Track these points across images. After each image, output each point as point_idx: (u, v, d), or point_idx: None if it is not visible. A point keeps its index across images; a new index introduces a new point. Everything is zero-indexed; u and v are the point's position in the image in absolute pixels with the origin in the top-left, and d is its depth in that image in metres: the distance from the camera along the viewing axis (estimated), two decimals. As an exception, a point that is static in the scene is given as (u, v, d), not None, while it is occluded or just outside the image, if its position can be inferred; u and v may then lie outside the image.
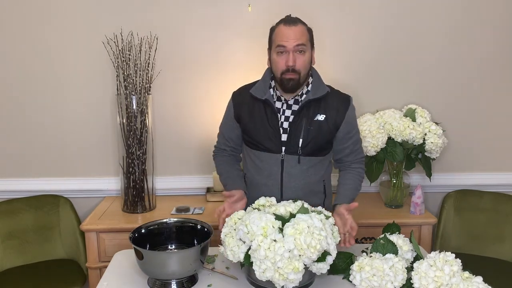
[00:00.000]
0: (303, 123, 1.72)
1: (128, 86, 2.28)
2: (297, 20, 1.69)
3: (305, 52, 1.66)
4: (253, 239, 1.34)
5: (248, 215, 1.43)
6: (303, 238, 1.31)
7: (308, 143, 1.72)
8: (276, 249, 1.30)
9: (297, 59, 1.65)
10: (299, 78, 1.68)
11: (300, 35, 1.64)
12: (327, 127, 1.73)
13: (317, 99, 1.73)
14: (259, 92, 1.76)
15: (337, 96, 1.79)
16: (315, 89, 1.75)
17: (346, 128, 1.76)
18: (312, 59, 1.73)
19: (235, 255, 1.41)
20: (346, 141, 1.78)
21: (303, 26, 1.69)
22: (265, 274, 1.33)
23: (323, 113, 1.74)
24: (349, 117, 1.76)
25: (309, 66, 1.71)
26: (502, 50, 2.51)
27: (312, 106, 1.74)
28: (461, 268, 1.29)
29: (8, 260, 2.37)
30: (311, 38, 1.71)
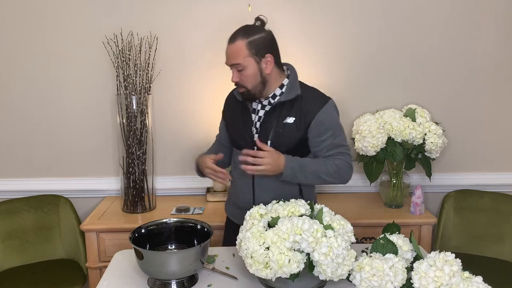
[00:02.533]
0: (272, 124, 1.71)
1: (128, 86, 2.28)
2: (237, 36, 1.65)
3: (244, 69, 1.64)
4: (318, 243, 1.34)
5: (291, 222, 1.37)
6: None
7: (276, 145, 1.70)
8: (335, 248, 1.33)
9: (239, 75, 1.67)
10: (249, 90, 1.69)
11: (235, 54, 1.64)
12: (295, 131, 1.70)
13: (290, 101, 1.70)
14: (238, 94, 1.81)
15: (313, 99, 1.73)
16: (287, 91, 1.72)
17: (316, 130, 1.69)
18: (261, 70, 1.66)
19: (292, 267, 1.33)
20: (318, 144, 1.71)
21: (243, 41, 1.63)
22: (337, 272, 1.34)
23: (293, 116, 1.70)
24: (321, 118, 1.69)
25: (255, 79, 1.67)
26: (502, 50, 2.51)
27: (284, 108, 1.71)
28: (461, 268, 1.28)
29: (8, 260, 2.37)
30: (255, 51, 1.64)
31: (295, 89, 1.72)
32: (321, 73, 2.51)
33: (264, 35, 1.68)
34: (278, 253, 1.32)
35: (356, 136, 2.30)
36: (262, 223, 1.41)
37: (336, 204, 2.30)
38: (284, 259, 1.32)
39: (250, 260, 1.36)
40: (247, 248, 1.37)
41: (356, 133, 2.33)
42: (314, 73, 2.50)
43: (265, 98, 1.74)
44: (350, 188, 2.63)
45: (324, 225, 1.39)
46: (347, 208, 2.38)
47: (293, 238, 1.33)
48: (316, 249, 1.33)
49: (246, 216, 1.50)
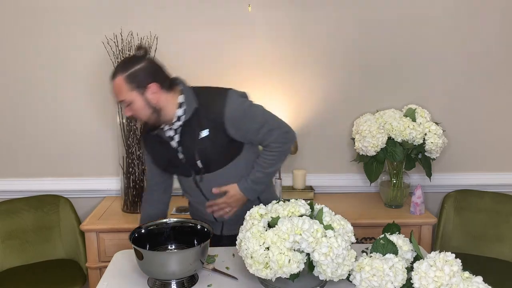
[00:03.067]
0: (192, 145, 1.66)
1: (128, 86, 2.27)
2: (116, 72, 1.58)
3: (131, 103, 1.58)
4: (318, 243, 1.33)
5: (291, 222, 1.37)
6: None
7: (206, 161, 1.67)
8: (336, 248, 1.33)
9: (129, 109, 1.61)
10: (147, 122, 1.65)
11: (117, 91, 1.59)
12: (216, 139, 1.64)
13: (195, 116, 1.63)
14: (151, 129, 1.73)
15: (212, 101, 1.64)
16: (188, 109, 1.64)
17: (234, 126, 1.63)
18: (148, 101, 1.58)
19: (292, 267, 1.34)
20: (245, 136, 1.67)
21: (120, 77, 1.56)
22: (337, 272, 1.34)
23: (205, 128, 1.63)
24: (230, 115, 1.61)
25: (146, 110, 1.60)
26: (502, 51, 2.51)
27: (193, 125, 1.64)
28: (461, 268, 1.28)
29: (8, 260, 2.37)
30: (136, 83, 1.56)
31: (192, 103, 1.64)
32: (321, 73, 2.51)
33: (144, 65, 1.59)
34: (278, 253, 1.32)
35: (356, 136, 2.30)
36: (262, 223, 1.41)
37: (336, 204, 2.31)
38: (284, 259, 1.32)
39: (250, 260, 1.36)
40: (247, 248, 1.37)
41: (356, 133, 2.33)
42: (314, 73, 2.50)
43: (171, 124, 1.66)
44: (350, 188, 2.64)
45: (324, 225, 1.39)
46: (347, 208, 2.38)
47: (293, 238, 1.33)
48: (316, 249, 1.33)
49: (246, 216, 1.50)
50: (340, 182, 2.61)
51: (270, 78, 2.48)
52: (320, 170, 2.60)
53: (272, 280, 1.38)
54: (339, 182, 2.61)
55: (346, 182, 2.62)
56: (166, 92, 1.63)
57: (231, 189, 1.72)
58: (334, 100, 2.53)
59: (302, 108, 2.53)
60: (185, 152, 1.68)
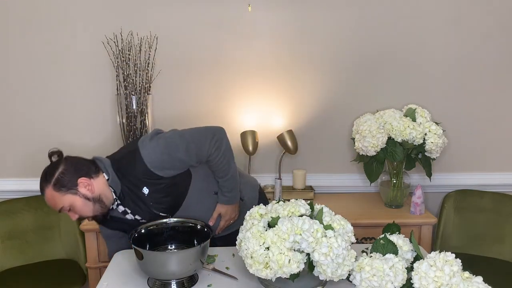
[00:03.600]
0: (144, 206, 1.66)
1: (128, 86, 2.28)
2: (42, 186, 1.59)
3: (72, 206, 1.58)
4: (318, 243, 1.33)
5: (291, 222, 1.37)
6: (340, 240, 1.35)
7: (168, 208, 1.69)
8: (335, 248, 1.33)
9: (74, 212, 1.60)
10: (96, 215, 1.63)
11: (52, 202, 1.59)
12: (159, 189, 1.64)
13: (125, 185, 1.64)
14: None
15: (131, 166, 1.62)
16: (116, 183, 1.64)
17: (166, 168, 1.62)
18: (85, 196, 1.58)
19: (292, 267, 1.34)
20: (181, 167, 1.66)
21: (48, 188, 1.57)
22: (337, 272, 1.35)
23: (142, 186, 1.63)
24: (153, 164, 1.59)
25: (88, 206, 1.59)
26: (502, 50, 2.51)
27: (132, 189, 1.64)
28: (461, 268, 1.28)
29: (8, 260, 2.37)
30: (67, 188, 1.57)
31: (114, 175, 1.64)
32: (321, 73, 2.50)
33: (63, 168, 1.59)
34: (278, 253, 1.32)
35: (356, 136, 2.30)
36: (262, 223, 1.41)
37: (336, 204, 2.30)
38: (284, 259, 1.32)
39: (250, 260, 1.36)
40: (247, 248, 1.37)
41: (356, 133, 2.33)
42: (314, 73, 2.50)
43: (114, 202, 1.67)
44: (350, 188, 2.63)
45: (324, 225, 1.39)
46: (347, 208, 2.38)
47: (293, 238, 1.33)
48: (316, 249, 1.33)
49: (246, 216, 1.50)
50: (340, 182, 2.61)
51: (270, 78, 2.48)
52: (320, 170, 2.60)
53: (272, 280, 1.38)
54: (339, 182, 2.61)
55: (346, 182, 2.62)
56: (95, 178, 1.62)
57: (220, 209, 1.78)
58: (334, 100, 2.53)
59: (302, 108, 2.53)
60: (143, 216, 1.69)
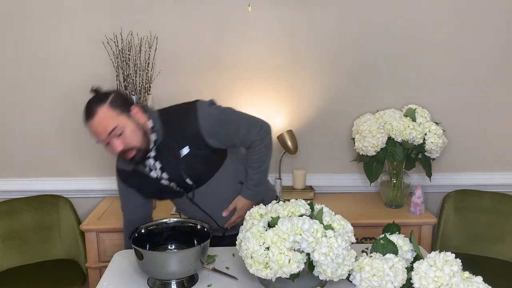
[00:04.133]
0: (174, 166, 1.64)
1: (128, 86, 2.28)
2: (94, 107, 1.53)
3: (123, 129, 1.54)
4: (318, 243, 1.33)
5: (291, 222, 1.37)
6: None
7: (196, 177, 1.67)
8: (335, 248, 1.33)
9: (121, 139, 1.55)
10: (139, 148, 1.59)
11: (104, 123, 1.52)
12: (198, 153, 1.63)
13: (168, 136, 1.62)
14: (125, 166, 1.71)
15: (183, 121, 1.62)
16: (159, 131, 1.63)
17: (214, 137, 1.63)
18: (137, 122, 1.58)
19: (292, 267, 1.33)
20: (226, 142, 1.68)
21: (102, 107, 1.53)
22: (337, 272, 1.34)
23: (184, 145, 1.62)
24: (206, 127, 1.61)
25: (137, 133, 1.57)
26: (502, 50, 2.51)
27: (171, 144, 1.63)
28: (461, 268, 1.28)
29: (8, 260, 2.37)
30: (121, 107, 1.56)
31: (162, 126, 1.64)
32: (321, 73, 2.51)
33: (116, 93, 1.59)
34: (278, 253, 1.32)
35: (356, 136, 2.30)
36: (262, 223, 1.41)
37: (336, 204, 2.29)
38: (284, 259, 1.32)
39: (250, 260, 1.36)
40: (247, 248, 1.37)
41: (356, 133, 2.33)
42: (313, 73, 2.50)
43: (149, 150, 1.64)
44: (350, 188, 2.63)
45: (324, 225, 1.39)
46: (347, 208, 2.38)
47: (293, 238, 1.33)
48: (316, 249, 1.33)
49: (246, 216, 1.50)
50: (340, 182, 2.61)
51: (270, 78, 2.48)
52: (320, 170, 2.60)
53: (272, 280, 1.38)
54: (339, 182, 2.61)
55: (346, 182, 2.62)
56: (143, 115, 1.62)
57: (238, 202, 1.75)
58: (334, 100, 2.53)
59: (302, 108, 2.53)
60: (170, 175, 1.67)
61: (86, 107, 1.57)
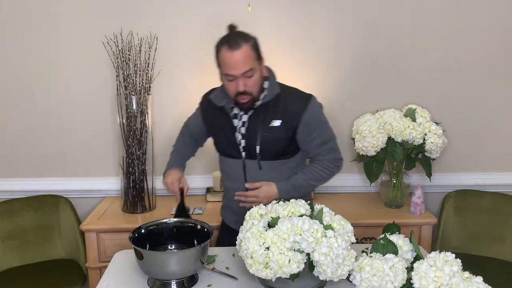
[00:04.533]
0: (259, 129, 1.69)
1: (128, 86, 2.28)
2: (239, 41, 1.57)
3: (254, 73, 1.60)
4: (318, 243, 1.33)
5: (291, 222, 1.37)
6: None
7: (265, 149, 1.70)
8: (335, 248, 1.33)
9: (247, 82, 1.60)
10: (253, 98, 1.65)
11: (245, 60, 1.56)
12: (283, 133, 1.69)
13: (273, 103, 1.68)
14: (217, 99, 1.76)
15: (295, 99, 1.71)
16: (269, 93, 1.69)
17: (304, 131, 1.70)
18: (260, 74, 1.65)
19: (292, 267, 1.34)
20: (308, 143, 1.73)
21: (247, 45, 1.57)
22: (337, 272, 1.34)
23: (279, 118, 1.68)
24: (308, 118, 1.68)
25: (259, 83, 1.65)
26: (502, 50, 2.51)
27: (268, 111, 1.69)
28: (461, 268, 1.28)
29: (8, 260, 2.37)
30: (257, 54, 1.62)
31: (275, 90, 1.70)
32: (321, 73, 2.50)
33: (256, 39, 1.64)
34: (278, 253, 1.32)
35: (356, 136, 2.30)
36: (262, 223, 1.41)
37: (336, 204, 2.29)
38: (284, 259, 1.32)
39: (250, 260, 1.36)
40: (247, 248, 1.37)
41: (356, 133, 2.33)
42: (313, 73, 2.50)
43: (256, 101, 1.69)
44: (350, 188, 2.63)
45: (324, 225, 1.39)
46: (347, 208, 2.38)
47: (293, 238, 1.33)
48: (316, 249, 1.33)
49: (246, 216, 1.50)
50: (340, 182, 2.61)
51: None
52: (320, 170, 2.60)
53: (272, 280, 1.38)
54: (339, 182, 2.60)
55: (346, 182, 2.62)
56: (266, 71, 1.70)
57: (266, 185, 1.73)
58: (334, 100, 2.52)
59: (302, 108, 2.53)
60: (247, 133, 1.71)
61: (229, 37, 1.60)
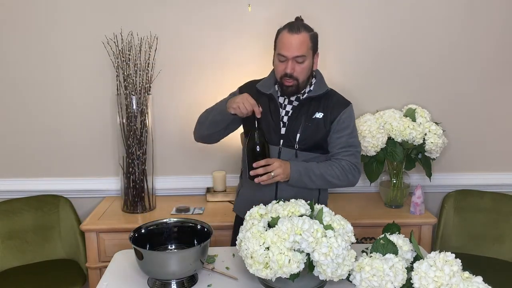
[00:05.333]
0: (301, 119, 1.76)
1: (128, 86, 2.28)
2: (301, 27, 1.68)
3: (305, 61, 1.69)
4: (318, 243, 1.33)
5: (291, 222, 1.37)
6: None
7: (305, 139, 1.76)
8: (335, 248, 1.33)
9: (296, 67, 1.69)
10: (298, 84, 1.72)
11: (300, 45, 1.66)
12: (323, 126, 1.77)
13: (318, 98, 1.78)
14: (264, 87, 1.82)
15: (337, 98, 1.83)
16: (316, 88, 1.80)
17: (336, 127, 1.77)
18: (313, 64, 1.76)
19: (292, 267, 1.33)
20: (334, 140, 1.78)
21: (307, 33, 1.69)
22: (337, 272, 1.35)
23: (321, 112, 1.77)
24: (344, 117, 1.78)
25: (309, 72, 1.74)
26: (502, 50, 2.51)
27: (312, 104, 1.78)
28: (461, 268, 1.28)
29: (8, 260, 2.37)
30: (313, 45, 1.72)
31: (323, 86, 1.81)
32: (323, 73, 2.50)
33: (316, 33, 1.74)
34: (278, 253, 1.32)
35: (356, 136, 2.30)
36: (262, 223, 1.41)
37: (336, 204, 2.31)
38: (284, 259, 1.32)
39: (250, 260, 1.36)
40: (247, 248, 1.37)
41: (356, 133, 2.33)
42: (314, 73, 2.50)
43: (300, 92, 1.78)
44: (350, 188, 2.62)
45: (324, 225, 1.39)
46: (347, 208, 2.38)
47: (293, 238, 1.33)
48: (316, 249, 1.33)
49: (246, 216, 1.50)
50: (340, 182, 2.61)
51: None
52: (320, 170, 2.60)
53: (272, 280, 1.38)
54: (339, 182, 2.61)
55: (346, 182, 2.62)
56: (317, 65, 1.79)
57: (279, 161, 1.70)
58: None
59: (302, 108, 2.53)
60: (290, 122, 1.77)
61: (293, 23, 1.71)
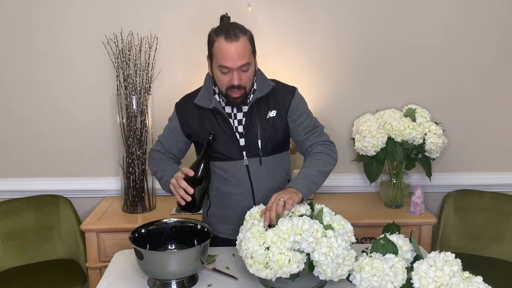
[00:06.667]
0: (257, 124, 1.67)
1: (128, 86, 2.28)
2: (237, 32, 1.54)
3: (250, 67, 1.58)
4: (318, 243, 1.33)
5: (291, 222, 1.37)
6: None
7: (267, 142, 1.68)
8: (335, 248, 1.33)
9: (242, 76, 1.56)
10: (245, 92, 1.61)
11: (243, 53, 1.53)
12: (280, 122, 1.70)
13: (265, 96, 1.68)
14: (204, 101, 1.68)
15: (282, 89, 1.74)
16: (260, 87, 1.68)
17: (293, 117, 1.70)
18: (255, 66, 1.65)
19: (292, 267, 1.33)
20: (297, 129, 1.72)
21: (245, 37, 1.55)
22: (337, 272, 1.34)
23: (273, 109, 1.69)
24: (295, 104, 1.71)
25: (253, 77, 1.64)
26: (502, 50, 2.51)
27: (262, 104, 1.69)
28: (461, 268, 1.28)
29: (8, 260, 2.37)
30: (253, 47, 1.60)
31: (267, 84, 1.70)
32: (321, 73, 2.51)
33: (251, 32, 1.62)
34: (278, 253, 1.32)
35: (356, 136, 2.30)
36: (262, 223, 1.41)
37: (336, 204, 2.30)
38: (284, 259, 1.32)
39: (250, 260, 1.36)
40: (247, 248, 1.37)
41: (356, 133, 2.33)
42: (314, 73, 2.50)
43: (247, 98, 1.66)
44: (350, 188, 2.63)
45: (324, 225, 1.39)
46: (347, 208, 2.38)
47: (293, 238, 1.33)
48: (316, 249, 1.33)
49: (246, 216, 1.50)
50: (340, 182, 2.61)
51: (270, 78, 2.48)
52: (320, 170, 2.60)
53: (272, 280, 1.38)
54: (339, 182, 2.61)
55: (346, 182, 2.62)
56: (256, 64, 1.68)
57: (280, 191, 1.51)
58: (334, 100, 2.53)
59: (302, 108, 2.53)
60: (247, 131, 1.67)
61: (226, 27, 1.57)
